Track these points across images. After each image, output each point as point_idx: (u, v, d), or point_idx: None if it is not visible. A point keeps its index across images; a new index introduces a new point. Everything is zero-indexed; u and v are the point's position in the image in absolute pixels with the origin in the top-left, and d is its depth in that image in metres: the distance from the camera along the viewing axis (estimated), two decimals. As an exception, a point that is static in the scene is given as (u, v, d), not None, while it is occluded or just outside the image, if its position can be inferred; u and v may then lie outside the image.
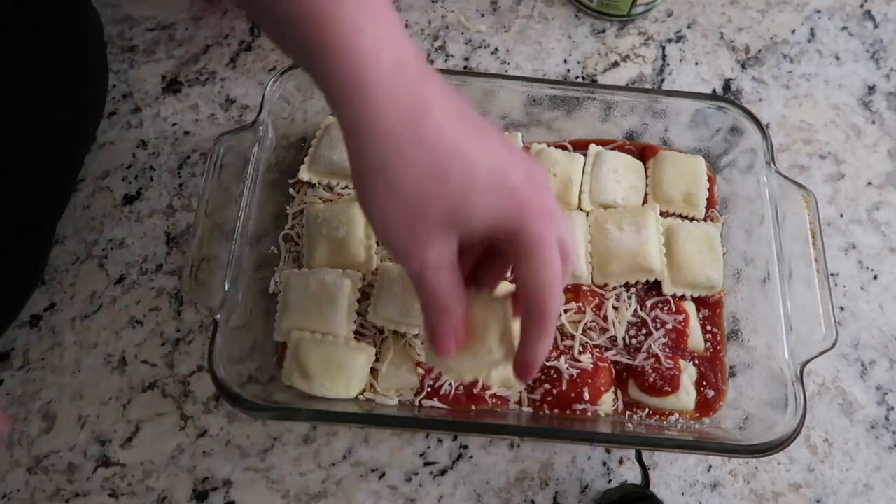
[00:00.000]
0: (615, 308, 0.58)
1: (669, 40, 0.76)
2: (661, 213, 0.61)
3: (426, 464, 0.57)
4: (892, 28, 0.77)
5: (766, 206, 0.58)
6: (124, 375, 0.59)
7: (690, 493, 0.57)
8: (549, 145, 0.64)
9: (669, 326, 0.57)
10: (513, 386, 0.55)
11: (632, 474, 0.57)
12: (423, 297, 0.39)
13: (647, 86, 0.73)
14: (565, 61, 0.74)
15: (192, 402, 0.59)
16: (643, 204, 0.62)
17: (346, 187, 0.62)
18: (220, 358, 0.50)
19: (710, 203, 0.63)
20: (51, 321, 0.61)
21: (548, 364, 0.55)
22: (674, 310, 0.58)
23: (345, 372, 0.54)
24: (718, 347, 0.58)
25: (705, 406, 0.56)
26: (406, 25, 0.75)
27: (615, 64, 0.74)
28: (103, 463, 0.57)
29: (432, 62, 0.74)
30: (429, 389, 0.55)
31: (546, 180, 0.40)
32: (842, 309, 0.64)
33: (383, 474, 0.57)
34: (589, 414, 0.55)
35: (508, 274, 0.44)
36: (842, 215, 0.68)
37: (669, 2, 0.78)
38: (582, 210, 0.61)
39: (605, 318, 0.57)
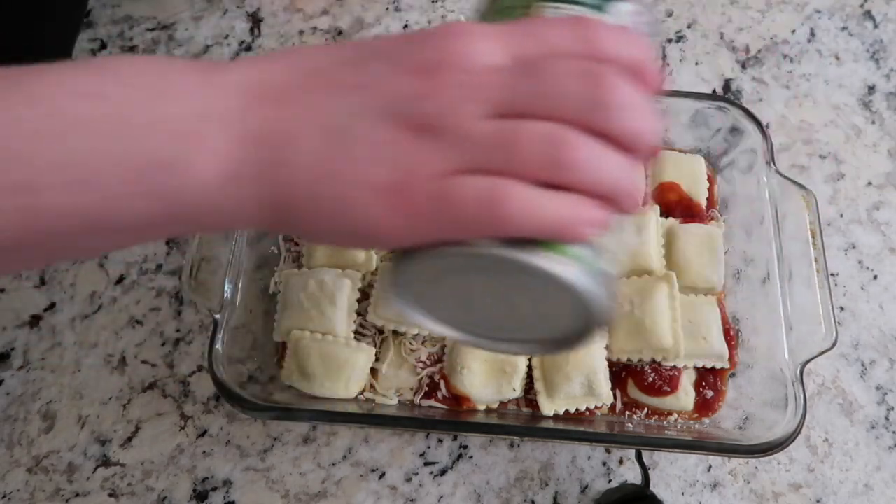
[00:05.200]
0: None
1: (669, 40, 0.76)
2: (661, 214, 0.61)
3: (426, 464, 0.57)
4: (892, 28, 0.77)
5: (766, 206, 0.58)
6: (124, 375, 0.59)
7: (690, 493, 0.57)
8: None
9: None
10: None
11: (632, 474, 0.57)
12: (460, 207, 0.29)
13: (647, 86, 0.73)
14: (565, 61, 0.74)
15: (192, 402, 0.59)
16: (643, 204, 0.62)
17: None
18: (220, 358, 0.50)
19: (710, 203, 0.63)
20: (51, 321, 0.61)
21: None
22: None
23: (345, 372, 0.54)
24: (718, 347, 0.58)
25: (704, 406, 0.56)
26: (406, 26, 0.75)
27: (615, 64, 0.74)
28: (103, 463, 0.57)
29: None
30: (427, 389, 0.55)
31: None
32: (842, 309, 0.64)
33: (383, 474, 0.57)
34: (587, 413, 0.55)
35: None
36: (842, 215, 0.68)
37: (669, 2, 0.78)
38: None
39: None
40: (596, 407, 0.55)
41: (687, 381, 0.56)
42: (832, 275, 0.65)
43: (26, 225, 0.28)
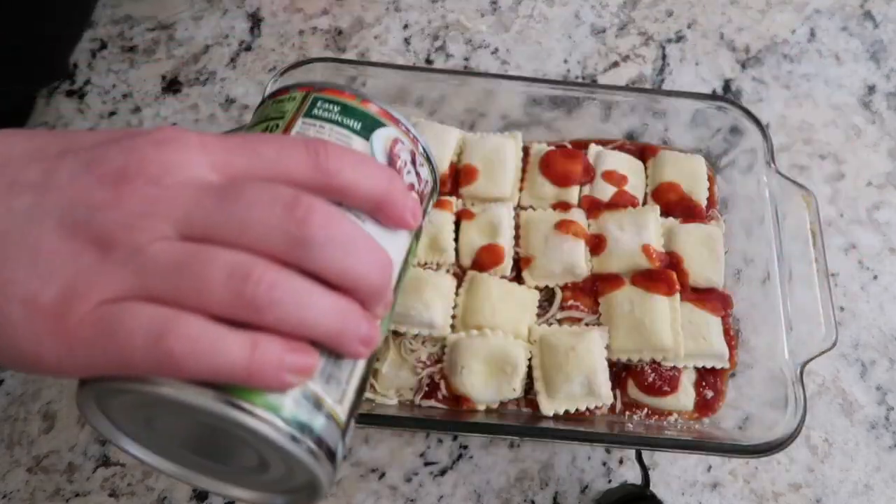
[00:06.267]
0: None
1: (669, 40, 0.76)
2: (661, 214, 0.61)
3: (426, 464, 0.57)
4: (892, 28, 0.77)
5: (766, 206, 0.58)
6: (124, 375, 0.59)
7: (690, 493, 0.57)
8: (549, 145, 0.64)
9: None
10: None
11: (632, 474, 0.57)
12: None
13: (647, 86, 0.73)
14: (565, 61, 0.74)
15: (192, 402, 0.59)
16: (643, 204, 0.62)
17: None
18: (219, 358, 0.50)
19: (711, 203, 0.63)
20: (51, 321, 0.61)
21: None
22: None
23: (345, 372, 0.54)
24: (719, 347, 0.58)
25: (704, 406, 0.56)
26: (406, 26, 0.75)
27: (615, 64, 0.74)
28: (103, 463, 0.57)
29: (432, 62, 0.74)
30: (427, 389, 0.55)
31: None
32: (842, 309, 0.64)
33: (383, 474, 0.57)
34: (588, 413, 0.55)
35: None
36: (842, 215, 0.68)
37: (669, 2, 0.78)
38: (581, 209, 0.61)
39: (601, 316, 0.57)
40: (596, 407, 0.55)
41: (687, 381, 0.56)
42: (832, 275, 0.65)
43: None
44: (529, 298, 0.58)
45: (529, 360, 0.55)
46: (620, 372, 0.56)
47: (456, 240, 0.59)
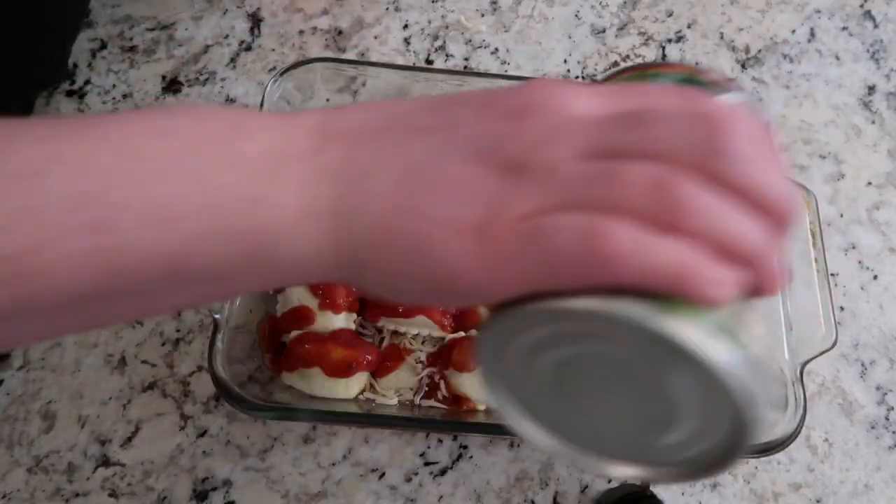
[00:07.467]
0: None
1: (669, 40, 0.76)
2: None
3: (426, 464, 0.57)
4: (892, 28, 0.77)
5: (766, 206, 0.58)
6: (124, 375, 0.59)
7: (690, 493, 0.57)
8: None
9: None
10: None
11: (632, 474, 0.57)
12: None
13: (647, 86, 0.73)
14: (565, 61, 0.74)
15: (191, 402, 0.59)
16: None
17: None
18: (220, 358, 0.50)
19: (710, 203, 0.63)
20: (51, 321, 0.61)
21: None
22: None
23: (344, 372, 0.54)
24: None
25: (705, 406, 0.56)
26: (406, 26, 0.75)
27: (615, 64, 0.74)
28: (103, 463, 0.57)
29: (432, 62, 0.74)
30: (427, 389, 0.55)
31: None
32: (842, 309, 0.64)
33: (383, 474, 0.57)
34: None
35: None
36: (842, 215, 0.68)
37: (669, 2, 0.78)
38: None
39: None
40: (596, 407, 0.55)
41: (687, 381, 0.56)
42: (832, 275, 0.65)
43: (105, 268, 0.26)
44: (529, 298, 0.58)
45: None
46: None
47: (456, 240, 0.59)
